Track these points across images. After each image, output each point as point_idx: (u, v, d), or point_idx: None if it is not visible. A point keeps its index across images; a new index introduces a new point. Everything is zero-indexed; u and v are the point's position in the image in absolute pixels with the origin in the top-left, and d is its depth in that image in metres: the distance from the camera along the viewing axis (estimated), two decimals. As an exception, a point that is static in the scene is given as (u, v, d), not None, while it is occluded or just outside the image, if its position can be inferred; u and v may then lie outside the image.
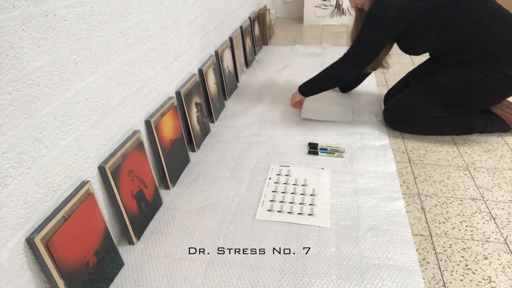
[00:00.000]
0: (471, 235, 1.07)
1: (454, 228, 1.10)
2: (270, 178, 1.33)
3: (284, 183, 1.30)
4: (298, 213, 1.16)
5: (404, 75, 1.78)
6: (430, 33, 1.42)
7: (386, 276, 0.95)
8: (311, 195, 1.24)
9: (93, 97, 0.93)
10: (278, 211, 1.17)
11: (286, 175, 1.34)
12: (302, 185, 1.29)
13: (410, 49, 1.57)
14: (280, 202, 1.21)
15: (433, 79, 1.48)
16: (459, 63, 1.42)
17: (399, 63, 2.32)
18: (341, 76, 1.58)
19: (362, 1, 1.50)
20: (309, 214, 1.16)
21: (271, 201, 1.21)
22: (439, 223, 1.12)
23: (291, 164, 1.40)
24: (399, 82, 1.78)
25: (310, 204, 1.20)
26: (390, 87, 1.83)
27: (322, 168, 1.36)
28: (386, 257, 1.00)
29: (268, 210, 1.17)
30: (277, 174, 1.35)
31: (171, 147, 1.31)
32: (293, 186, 1.29)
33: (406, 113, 1.55)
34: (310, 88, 1.67)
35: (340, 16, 3.22)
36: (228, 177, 1.34)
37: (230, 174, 1.36)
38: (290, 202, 1.21)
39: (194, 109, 1.51)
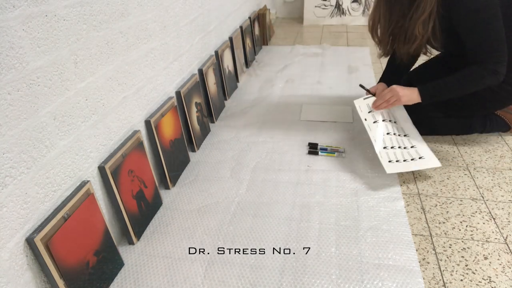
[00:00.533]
0: (471, 235, 1.08)
1: (454, 228, 1.10)
2: (365, 120, 1.21)
3: (374, 122, 1.21)
4: (412, 159, 1.11)
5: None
6: None
7: (386, 276, 0.95)
8: (404, 135, 1.17)
9: (93, 97, 0.93)
10: (397, 161, 1.13)
11: (369, 112, 1.23)
12: (390, 121, 1.20)
13: (452, 45, 1.36)
14: (392, 148, 1.15)
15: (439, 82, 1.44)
16: None
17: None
18: (495, 83, 1.26)
19: None
20: (419, 158, 1.11)
21: (384, 148, 1.14)
22: (439, 223, 1.12)
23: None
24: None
25: (412, 147, 1.14)
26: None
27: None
28: (386, 257, 1.00)
29: (389, 162, 1.12)
30: (369, 112, 1.23)
31: (171, 147, 1.31)
32: (384, 123, 1.19)
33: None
34: (440, 92, 1.29)
35: (340, 16, 3.22)
36: (228, 177, 1.34)
37: (230, 174, 1.36)
38: (398, 147, 1.14)
39: (194, 109, 1.51)
